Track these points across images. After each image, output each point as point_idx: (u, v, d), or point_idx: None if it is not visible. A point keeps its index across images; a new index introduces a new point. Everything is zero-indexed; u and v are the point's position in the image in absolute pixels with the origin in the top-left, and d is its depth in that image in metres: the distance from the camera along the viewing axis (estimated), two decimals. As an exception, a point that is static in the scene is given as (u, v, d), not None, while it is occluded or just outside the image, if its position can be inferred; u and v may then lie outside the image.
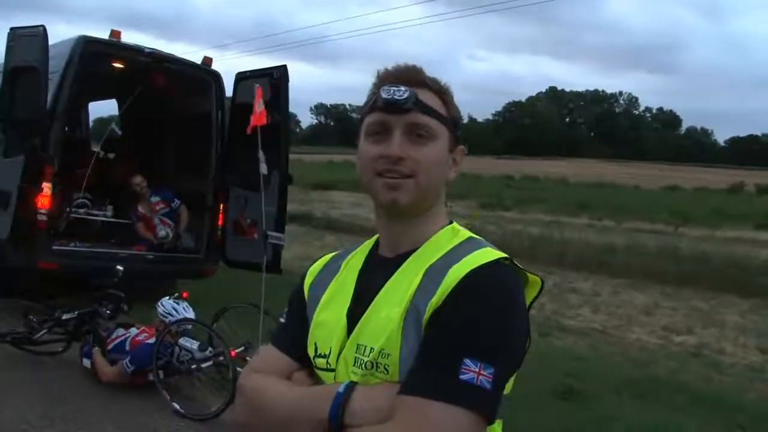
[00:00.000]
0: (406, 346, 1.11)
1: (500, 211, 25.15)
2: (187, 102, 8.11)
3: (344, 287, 1.26)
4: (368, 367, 1.13)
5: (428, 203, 1.22)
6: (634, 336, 8.51)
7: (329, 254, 1.41)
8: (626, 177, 45.29)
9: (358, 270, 1.28)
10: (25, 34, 6.50)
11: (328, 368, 1.21)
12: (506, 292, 1.12)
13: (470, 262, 1.12)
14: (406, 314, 1.12)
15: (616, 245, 14.38)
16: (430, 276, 1.14)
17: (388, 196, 1.17)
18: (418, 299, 1.12)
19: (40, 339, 5.43)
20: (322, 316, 1.26)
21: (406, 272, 1.18)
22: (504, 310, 1.10)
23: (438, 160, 1.20)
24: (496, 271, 1.12)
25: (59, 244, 6.83)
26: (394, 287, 1.17)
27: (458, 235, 1.23)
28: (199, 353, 4.81)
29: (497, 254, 1.15)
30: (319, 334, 1.24)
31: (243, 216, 7.34)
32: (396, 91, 1.17)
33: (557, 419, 4.85)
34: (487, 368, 1.05)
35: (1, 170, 6.58)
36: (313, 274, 1.36)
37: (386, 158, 1.16)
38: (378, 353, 1.12)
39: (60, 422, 4.34)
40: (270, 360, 1.30)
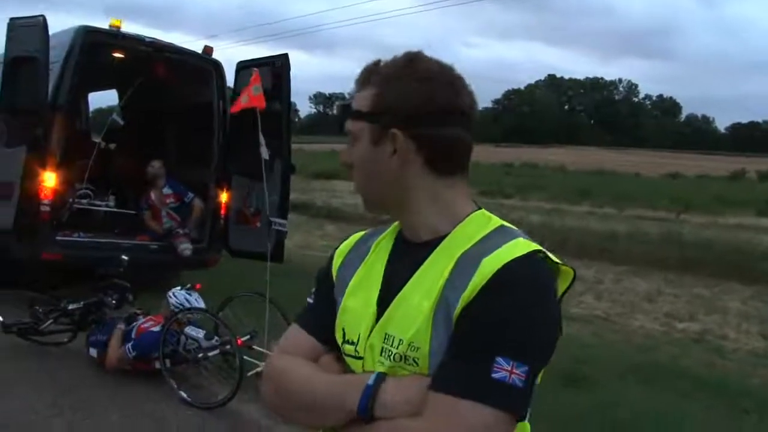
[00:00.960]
0: (436, 339, 1.08)
1: (501, 198, 25.12)
2: (188, 91, 8.09)
3: (373, 272, 1.24)
4: (397, 359, 1.12)
5: (379, 199, 1.24)
6: (638, 323, 8.52)
7: (358, 233, 1.38)
8: (627, 164, 45.25)
9: (387, 254, 1.25)
10: (25, 24, 6.48)
11: (356, 356, 1.19)
12: (539, 287, 1.09)
13: (503, 254, 1.08)
14: (436, 306, 1.09)
15: (618, 232, 14.39)
16: (462, 267, 1.10)
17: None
18: (449, 291, 1.09)
19: (46, 329, 5.44)
20: (350, 302, 1.24)
21: (437, 261, 1.15)
22: (537, 305, 1.07)
23: (359, 159, 1.21)
24: (529, 265, 1.08)
25: (62, 234, 6.82)
26: (424, 276, 1.14)
27: (489, 223, 1.19)
28: (206, 342, 4.82)
29: (530, 246, 1.11)
30: (347, 320, 1.22)
31: (246, 205, 7.33)
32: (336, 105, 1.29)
33: (563, 405, 4.86)
34: (519, 366, 1.03)
35: (3, 161, 6.57)
36: (342, 255, 1.33)
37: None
38: (407, 346, 1.10)
39: (68, 411, 4.36)
40: (298, 342, 1.29)
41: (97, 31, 6.83)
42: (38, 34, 6.23)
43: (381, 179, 1.20)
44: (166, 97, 8.48)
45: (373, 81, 1.19)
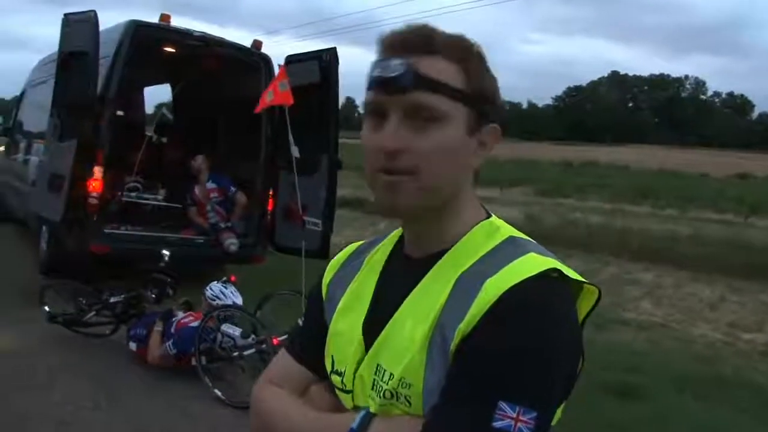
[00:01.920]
0: (432, 375, 0.92)
1: (559, 198, 24.58)
2: (237, 86, 8.08)
3: (364, 291, 1.07)
4: (387, 396, 0.96)
5: (439, 202, 0.98)
6: (698, 331, 8.11)
7: (355, 243, 1.20)
8: (692, 164, 43.71)
9: (379, 271, 1.08)
10: (77, 20, 6.56)
11: (344, 389, 1.03)
12: (553, 313, 0.90)
13: (509, 275, 0.90)
14: (431, 336, 0.92)
15: (680, 235, 13.82)
16: (462, 288, 0.93)
17: (384, 199, 0.96)
18: (446, 318, 0.92)
19: (89, 321, 5.49)
20: (339, 325, 1.08)
21: (435, 280, 0.97)
22: (549, 337, 0.89)
23: (449, 148, 0.95)
24: (542, 287, 0.90)
25: (110, 227, 6.90)
26: (419, 298, 0.97)
27: (497, 234, 1.00)
28: (242, 340, 4.76)
29: (543, 264, 0.93)
30: (336, 347, 1.07)
31: (293, 201, 7.28)
32: (388, 66, 0.94)
33: (613, 416, 4.61)
34: (527, 413, 0.86)
35: (56, 154, 6.69)
36: (334, 269, 1.16)
37: (382, 151, 0.94)
38: (398, 382, 0.94)
39: (104, 404, 4.36)
40: (285, 370, 1.15)
41: (146, 26, 6.87)
42: (89, 29, 6.30)
43: (456, 177, 0.99)
44: (215, 92, 8.52)
45: (447, 52, 0.96)
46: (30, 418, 4.03)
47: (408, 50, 0.95)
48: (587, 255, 12.05)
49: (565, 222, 15.01)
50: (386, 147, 0.93)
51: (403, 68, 0.93)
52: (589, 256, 12.02)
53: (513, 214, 14.86)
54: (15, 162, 9.85)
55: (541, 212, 16.40)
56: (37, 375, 4.73)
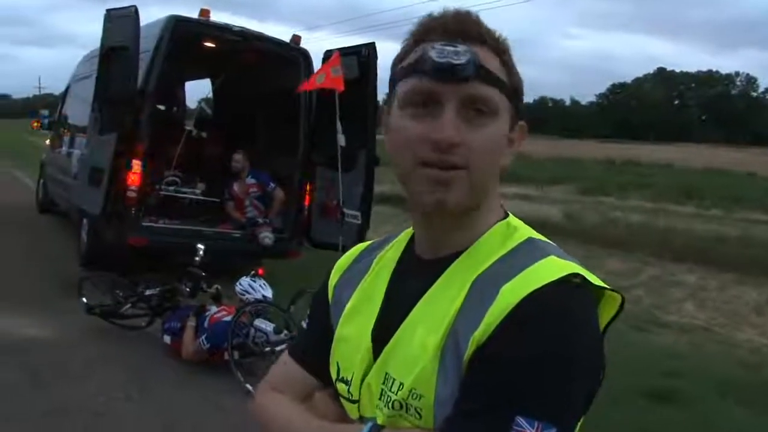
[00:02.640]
0: (444, 386, 0.86)
1: (600, 196, 24.14)
2: (276, 81, 8.10)
3: (373, 294, 1.01)
4: (396, 407, 0.90)
5: (480, 201, 0.93)
6: (744, 336, 7.85)
7: (363, 243, 1.15)
8: (740, 163, 42.51)
9: (390, 272, 1.02)
10: (119, 15, 6.65)
11: (350, 398, 0.98)
12: (574, 321, 0.85)
13: (527, 280, 0.85)
14: (444, 344, 0.87)
15: (726, 236, 13.42)
16: (477, 293, 0.88)
17: (432, 196, 0.89)
18: (460, 325, 0.87)
19: (125, 313, 5.56)
20: (345, 330, 1.02)
21: (449, 284, 0.92)
22: (571, 349, 0.84)
23: (497, 144, 0.91)
24: (562, 295, 0.85)
25: (149, 220, 6.98)
26: (433, 303, 0.91)
27: (515, 235, 0.95)
28: (274, 335, 4.76)
29: (564, 268, 0.87)
30: (342, 353, 1.01)
31: (330, 196, 7.27)
32: (452, 52, 0.87)
33: (651, 422, 4.48)
34: (546, 428, 0.80)
35: (96, 148, 6.81)
36: (340, 271, 1.10)
37: (435, 143, 0.87)
38: (408, 392, 0.88)
39: (136, 396, 4.41)
40: (288, 375, 1.10)
41: (186, 20, 6.93)
42: (130, 24, 6.38)
43: (497, 174, 0.95)
44: (254, 86, 8.55)
45: (491, 43, 0.92)
46: (66, 408, 4.09)
47: (463, 37, 0.89)
48: (627, 255, 11.80)
49: (606, 221, 14.70)
50: (445, 139, 0.87)
51: (467, 56, 0.87)
52: (629, 256, 11.77)
53: (552, 212, 14.65)
54: (59, 155, 10.07)
55: (581, 211, 16.11)
56: (74, 365, 4.81)
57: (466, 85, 0.87)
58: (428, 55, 0.88)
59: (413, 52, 0.92)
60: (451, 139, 0.86)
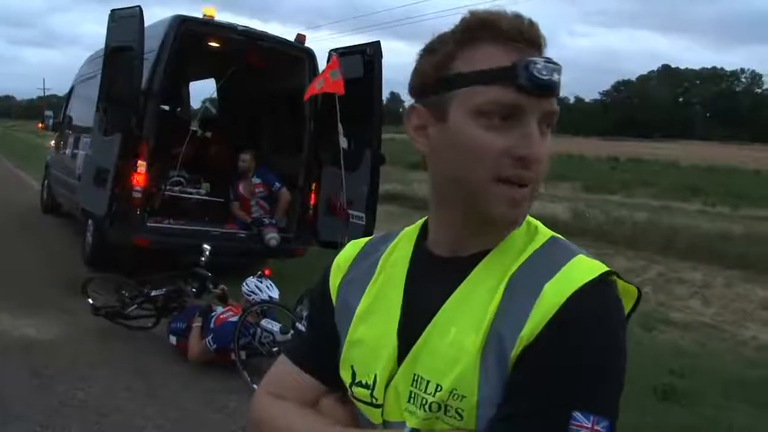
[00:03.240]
0: (487, 386, 0.86)
1: (605, 194, 24.09)
2: (280, 80, 8.10)
3: (389, 294, 0.98)
4: (433, 408, 0.89)
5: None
6: (750, 333, 7.82)
7: (359, 241, 1.11)
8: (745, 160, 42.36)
9: (405, 271, 0.99)
10: (123, 15, 6.65)
11: (374, 403, 0.95)
12: (614, 322, 0.87)
13: (569, 279, 0.86)
14: (485, 344, 0.87)
15: (732, 233, 13.38)
16: (515, 292, 0.88)
17: (509, 213, 0.89)
18: (502, 325, 0.86)
19: (131, 314, 5.56)
20: (360, 332, 0.99)
21: (479, 283, 0.91)
22: (614, 344, 0.87)
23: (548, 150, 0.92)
24: (602, 293, 0.87)
25: (153, 221, 6.99)
26: (463, 303, 0.91)
27: (538, 234, 0.95)
28: (281, 336, 4.75)
29: (599, 268, 0.89)
30: (358, 356, 0.98)
31: (336, 195, 7.26)
32: (551, 68, 0.86)
33: (657, 421, 4.47)
34: (601, 422, 0.83)
35: (101, 148, 6.80)
36: (342, 271, 1.07)
37: (522, 159, 0.86)
38: (448, 393, 0.88)
39: (142, 397, 4.40)
40: (290, 381, 1.05)
41: (190, 20, 6.93)
42: (134, 24, 6.37)
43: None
44: (259, 86, 8.55)
45: (545, 46, 0.91)
46: (71, 407, 4.10)
47: (542, 46, 0.90)
48: (632, 252, 11.78)
49: (611, 219, 14.67)
50: (535, 154, 0.87)
51: (558, 73, 0.88)
52: (635, 254, 11.75)
53: (558, 210, 14.61)
54: (63, 156, 10.09)
55: (587, 209, 16.06)
56: (79, 366, 4.81)
57: (548, 101, 0.88)
58: (531, 71, 0.85)
59: (473, 54, 0.88)
60: (539, 156, 0.87)
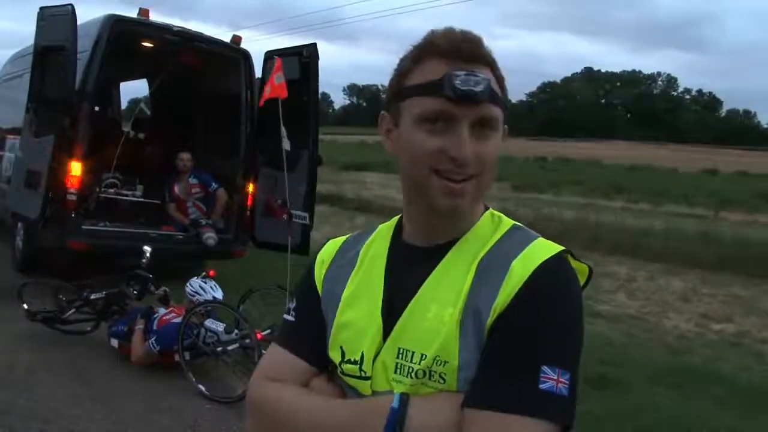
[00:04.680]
0: (465, 351, 0.99)
1: (534, 193, 24.78)
2: (216, 81, 8.06)
3: (371, 281, 1.12)
4: (419, 375, 1.01)
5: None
6: (671, 323, 8.27)
7: (337, 239, 1.24)
8: (663, 160, 44.32)
9: (384, 260, 1.13)
10: (54, 14, 6.49)
11: (363, 376, 1.06)
12: (574, 290, 1.03)
13: (532, 257, 1.02)
14: (462, 315, 1.00)
15: (653, 229, 14.05)
16: (486, 272, 1.02)
17: (447, 202, 1.03)
18: (477, 298, 1.00)
19: (69, 318, 5.46)
20: (347, 316, 1.11)
21: (452, 266, 1.06)
22: (574, 309, 1.01)
23: (497, 152, 1.05)
24: (561, 266, 1.03)
25: (88, 223, 6.85)
26: (440, 283, 1.05)
27: (502, 223, 1.11)
28: (225, 335, 4.77)
29: (556, 247, 1.05)
30: (346, 337, 1.10)
31: (273, 197, 7.28)
32: (470, 79, 0.99)
33: (589, 408, 4.69)
34: (564, 374, 0.96)
35: (32, 150, 6.63)
36: (325, 264, 1.19)
37: (453, 159, 1.00)
38: (432, 360, 1.00)
39: (87, 402, 4.33)
40: (283, 365, 1.14)
41: (124, 20, 6.82)
42: (67, 23, 6.23)
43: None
44: (194, 87, 8.48)
45: (484, 60, 1.04)
46: (11, 414, 4.00)
47: (474, 61, 1.02)
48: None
49: (540, 216, 15.16)
50: (463, 156, 1.00)
51: (485, 84, 1.00)
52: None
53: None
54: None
55: (517, 207, 16.53)
56: (16, 372, 4.69)
57: (479, 107, 1.01)
58: (451, 82, 0.99)
59: (420, 70, 1.04)
60: (467, 157, 1.00)
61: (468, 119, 1.01)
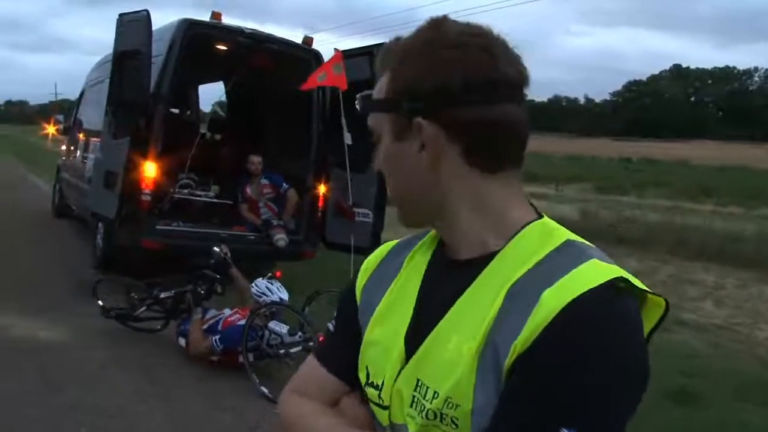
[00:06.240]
0: (482, 395, 0.83)
1: (617, 194, 23.96)
2: (288, 82, 8.08)
3: (405, 296, 0.98)
4: (430, 416, 0.87)
5: (420, 208, 0.95)
6: (764, 334, 7.74)
7: (388, 244, 1.11)
8: (759, 161, 42.03)
9: (422, 274, 0.98)
10: (131, 20, 6.67)
11: (381, 404, 0.95)
12: (621, 330, 0.81)
13: (570, 286, 0.81)
14: (481, 352, 0.84)
15: (745, 234, 13.25)
16: (516, 298, 0.84)
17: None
18: (498, 333, 0.83)
19: (140, 316, 5.58)
20: (375, 333, 0.99)
21: (481, 290, 0.88)
22: (617, 356, 0.80)
23: (387, 160, 0.95)
24: (607, 300, 0.80)
25: (163, 223, 7.00)
26: (465, 309, 0.88)
27: (552, 238, 0.90)
28: (289, 337, 4.75)
29: (609, 272, 0.83)
30: (372, 357, 0.98)
31: (343, 197, 7.25)
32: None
33: (668, 423, 4.41)
34: None
35: (110, 152, 6.82)
36: (369, 271, 1.07)
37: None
38: (443, 401, 0.85)
39: (152, 400, 4.40)
40: (314, 380, 1.06)
41: (198, 24, 6.95)
42: (142, 28, 6.40)
43: (412, 183, 0.93)
44: (266, 88, 8.55)
45: (387, 63, 0.95)
46: (79, 409, 4.10)
47: (378, 69, 0.98)
48: (644, 254, 11.68)
49: (622, 219, 14.58)
50: (375, 168, 0.99)
51: (360, 102, 0.99)
52: (647, 255, 11.65)
53: (567, 210, 14.54)
54: (74, 160, 10.13)
55: (598, 209, 15.97)
56: (88, 368, 4.83)
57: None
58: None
59: None
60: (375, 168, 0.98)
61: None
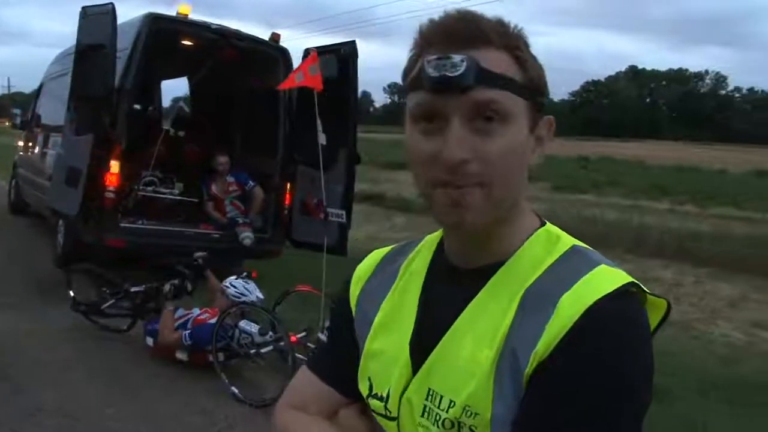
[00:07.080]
0: (501, 403, 0.82)
1: (576, 194, 24.31)
2: (255, 79, 8.03)
3: (405, 304, 0.96)
4: (447, 425, 0.86)
5: (505, 212, 0.88)
6: (720, 331, 7.97)
7: (382, 250, 1.08)
8: (711, 160, 43.15)
9: (421, 282, 0.97)
10: (95, 13, 6.53)
11: (388, 415, 0.94)
12: (636, 338, 0.82)
13: (588, 290, 0.81)
14: (499, 360, 0.83)
15: (700, 232, 13.62)
16: (531, 306, 0.83)
17: (450, 217, 0.84)
18: (516, 340, 0.83)
19: (107, 310, 5.50)
20: (377, 344, 0.97)
21: (494, 296, 0.87)
22: (637, 359, 0.81)
23: (517, 151, 0.84)
24: (624, 305, 0.82)
25: (126, 221, 6.88)
26: (478, 316, 0.87)
27: (558, 244, 0.90)
28: (259, 337, 4.73)
29: (620, 278, 0.84)
30: (374, 368, 0.96)
31: (310, 196, 7.22)
32: (445, 64, 0.81)
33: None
34: None
35: (72, 148, 6.68)
36: (362, 280, 1.04)
37: (444, 164, 0.82)
38: (461, 410, 0.84)
39: (120, 401, 4.33)
40: (310, 392, 1.04)
41: (164, 18, 6.84)
42: (107, 22, 6.26)
43: (522, 182, 0.88)
44: (232, 85, 8.47)
45: (498, 41, 0.85)
46: (43, 411, 4.02)
47: (462, 42, 0.83)
48: (605, 252, 11.83)
49: (582, 218, 14.82)
50: (452, 158, 0.81)
51: (465, 65, 0.81)
52: (606, 253, 11.82)
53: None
54: (32, 155, 9.88)
55: (557, 208, 16.21)
56: (52, 368, 4.72)
57: (468, 95, 0.81)
58: (425, 71, 0.83)
59: (418, 62, 0.87)
60: (454, 158, 0.81)
61: (458, 112, 0.82)
